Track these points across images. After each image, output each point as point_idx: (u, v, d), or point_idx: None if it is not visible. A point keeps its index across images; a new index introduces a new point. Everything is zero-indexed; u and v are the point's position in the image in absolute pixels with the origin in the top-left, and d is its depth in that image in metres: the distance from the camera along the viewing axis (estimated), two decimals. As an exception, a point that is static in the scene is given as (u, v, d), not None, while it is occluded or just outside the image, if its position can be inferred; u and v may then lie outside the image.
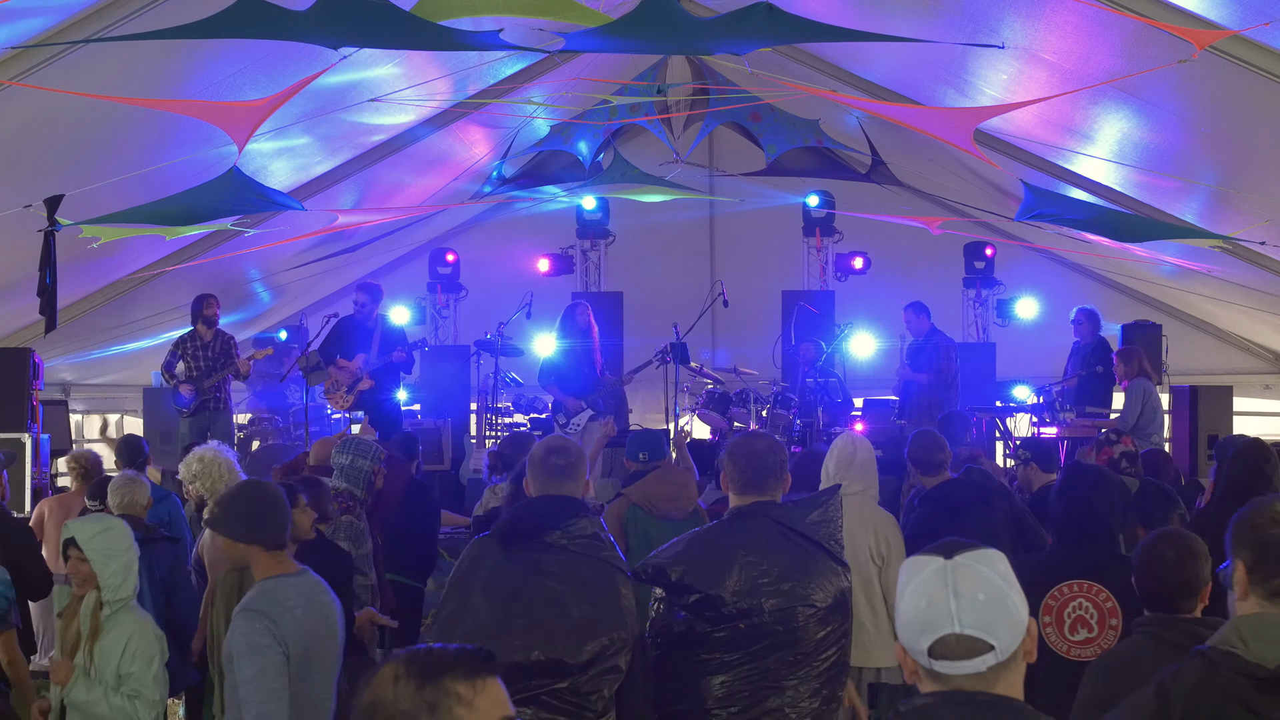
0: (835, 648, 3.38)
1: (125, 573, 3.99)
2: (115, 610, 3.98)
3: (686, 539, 3.53)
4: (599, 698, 3.11)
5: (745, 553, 3.36)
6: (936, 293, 12.60)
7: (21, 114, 6.69)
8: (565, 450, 3.42)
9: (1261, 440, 5.22)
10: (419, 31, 5.41)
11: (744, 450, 3.56)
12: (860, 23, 7.44)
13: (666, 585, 3.42)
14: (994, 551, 1.99)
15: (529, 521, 3.30)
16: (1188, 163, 8.53)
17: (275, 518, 3.69)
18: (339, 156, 10.18)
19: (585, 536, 3.27)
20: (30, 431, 8.80)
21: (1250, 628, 2.41)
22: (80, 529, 4.03)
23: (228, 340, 9.94)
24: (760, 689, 3.31)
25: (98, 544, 3.98)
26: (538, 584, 3.17)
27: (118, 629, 3.97)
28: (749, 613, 3.30)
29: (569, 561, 3.22)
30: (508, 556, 3.25)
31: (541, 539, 3.25)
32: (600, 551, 3.28)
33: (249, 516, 3.66)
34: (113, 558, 3.98)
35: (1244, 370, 13.08)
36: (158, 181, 7.65)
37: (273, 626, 3.48)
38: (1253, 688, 2.34)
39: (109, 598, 3.96)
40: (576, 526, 3.27)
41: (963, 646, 1.91)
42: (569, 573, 3.20)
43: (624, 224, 13.00)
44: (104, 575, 3.96)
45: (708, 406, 10.96)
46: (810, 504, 3.52)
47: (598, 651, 3.11)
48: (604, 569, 3.26)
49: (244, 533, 3.64)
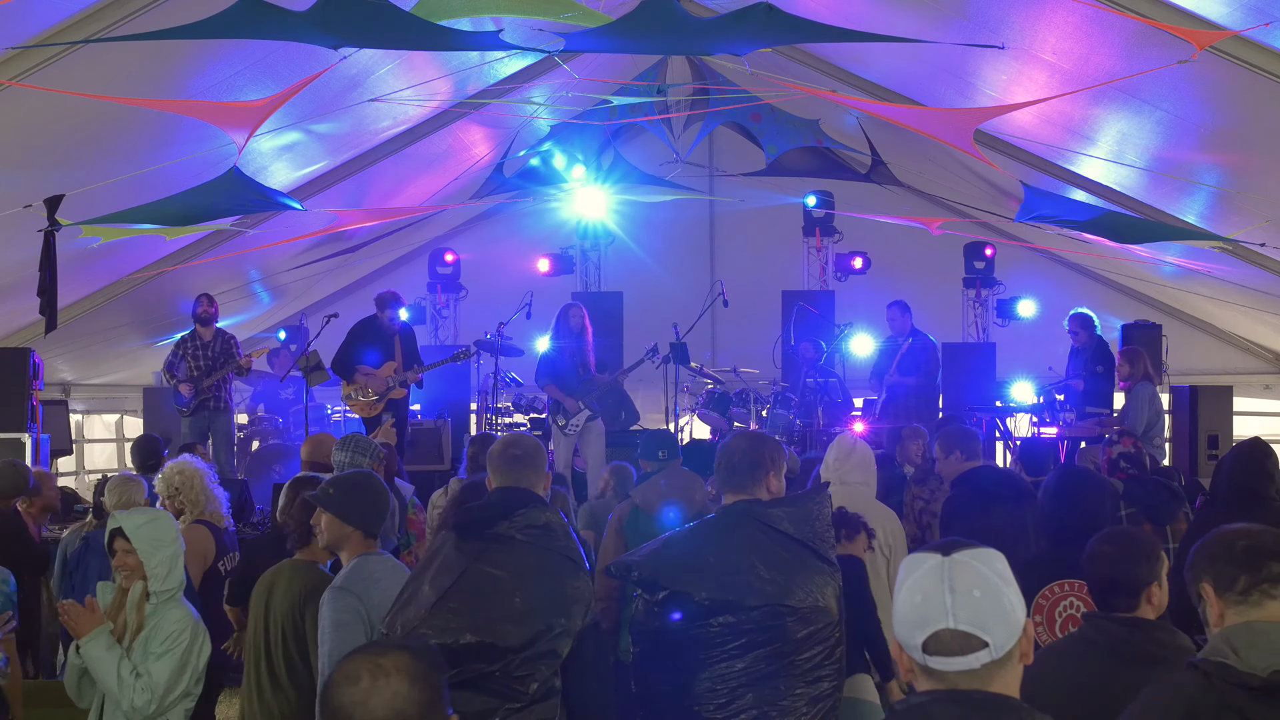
0: (820, 646, 3.36)
1: (172, 563, 3.99)
2: (162, 600, 3.97)
3: (664, 538, 3.59)
4: (532, 681, 3.14)
5: (721, 552, 3.39)
6: (936, 293, 12.63)
7: (21, 114, 6.69)
8: (520, 443, 3.54)
9: (1260, 439, 5.22)
10: (419, 31, 5.41)
11: (726, 449, 3.63)
12: (860, 23, 7.45)
13: (636, 582, 3.48)
14: (992, 551, 2.00)
15: (481, 513, 3.39)
16: (1188, 163, 8.53)
17: (379, 508, 3.89)
18: (339, 156, 10.18)
19: (536, 527, 3.33)
20: (30, 431, 8.80)
21: (1240, 637, 2.42)
22: (127, 519, 4.01)
23: (228, 339, 9.95)
24: (738, 687, 3.33)
25: (145, 534, 3.96)
26: (479, 572, 3.24)
27: (163, 620, 3.96)
28: (722, 610, 3.32)
29: (516, 551, 3.29)
30: (459, 547, 3.34)
31: (492, 530, 3.33)
32: (551, 542, 3.33)
33: (359, 502, 3.83)
34: (160, 548, 3.97)
35: (1244, 370, 13.08)
36: (158, 181, 7.66)
37: (357, 603, 3.63)
38: (1248, 697, 2.34)
39: (156, 588, 3.95)
40: (526, 517, 3.33)
41: (957, 642, 1.92)
42: (515, 561, 3.26)
43: (624, 224, 13.01)
44: (150, 565, 3.95)
45: (708, 406, 10.96)
46: (795, 503, 3.53)
47: (532, 637, 3.15)
48: (553, 559, 3.31)
49: (355, 516, 3.81)
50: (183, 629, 3.95)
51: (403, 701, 1.87)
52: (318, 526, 3.90)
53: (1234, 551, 2.56)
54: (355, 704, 1.87)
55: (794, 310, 11.68)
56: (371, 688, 1.87)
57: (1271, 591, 2.50)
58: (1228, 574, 2.54)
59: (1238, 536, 2.60)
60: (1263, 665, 2.35)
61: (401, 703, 1.87)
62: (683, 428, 11.58)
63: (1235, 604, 2.52)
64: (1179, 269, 10.92)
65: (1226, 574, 2.54)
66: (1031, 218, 8.10)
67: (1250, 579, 2.51)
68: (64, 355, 10.81)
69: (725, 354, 12.74)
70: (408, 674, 1.89)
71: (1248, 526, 2.64)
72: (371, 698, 1.87)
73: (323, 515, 3.86)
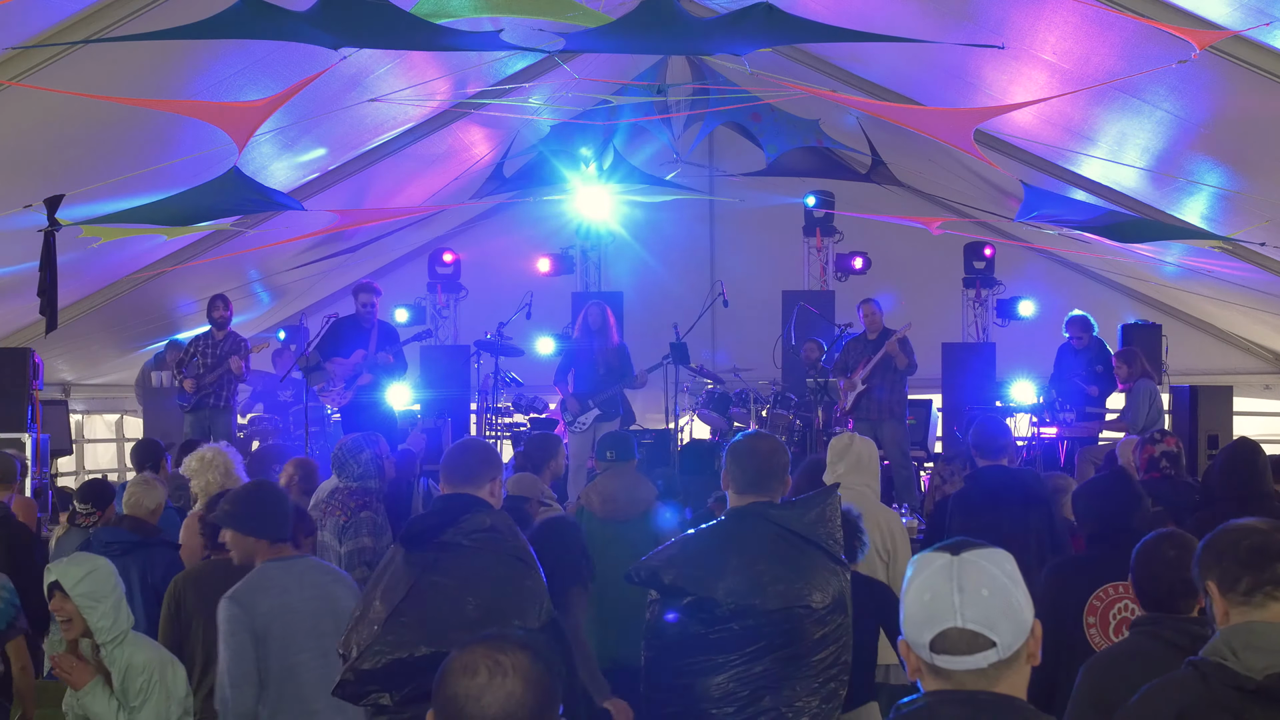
0: (834, 646, 3.36)
1: (115, 612, 3.92)
2: (113, 648, 3.94)
3: (681, 540, 3.52)
4: None
5: (740, 554, 3.35)
6: (936, 293, 12.63)
7: (21, 114, 6.68)
8: (464, 449, 3.53)
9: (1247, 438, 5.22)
10: (419, 31, 5.41)
11: (747, 450, 3.54)
12: (860, 23, 7.44)
13: (660, 588, 3.41)
14: (1001, 551, 2.00)
15: (426, 523, 3.37)
16: (1188, 163, 8.53)
17: (277, 514, 3.96)
18: (339, 156, 10.18)
19: (481, 531, 3.30)
20: (30, 431, 8.80)
21: (1240, 638, 2.41)
22: (64, 573, 3.91)
23: (238, 341, 9.96)
24: (756, 689, 3.30)
25: (83, 589, 3.88)
26: (429, 582, 3.21)
27: (129, 669, 3.93)
28: (744, 614, 3.29)
29: (464, 557, 3.26)
30: (406, 559, 3.31)
31: (438, 539, 3.30)
32: (499, 544, 3.31)
33: (254, 513, 3.92)
34: (99, 601, 3.89)
35: (1244, 370, 13.08)
36: (158, 181, 7.65)
37: (241, 612, 3.73)
38: (1242, 699, 2.34)
39: (102, 639, 3.89)
40: (471, 522, 3.30)
41: (964, 641, 1.91)
42: (463, 567, 3.23)
43: (624, 224, 13.01)
44: (93, 620, 3.88)
45: (708, 406, 10.96)
46: (808, 504, 3.51)
47: None
48: (504, 560, 3.29)
49: (252, 527, 3.90)
50: (149, 671, 3.92)
51: (515, 704, 1.84)
52: (228, 545, 4.00)
53: (1239, 551, 2.54)
54: (469, 697, 1.84)
55: (794, 310, 11.68)
56: (488, 684, 1.85)
57: (1275, 593, 2.48)
58: (1232, 573, 2.52)
59: (1244, 535, 2.57)
60: (1260, 667, 2.35)
61: (515, 705, 1.84)
62: (683, 428, 11.57)
63: (1239, 604, 2.50)
64: (1179, 269, 10.92)
65: (1231, 573, 2.53)
66: (1031, 217, 8.10)
67: (1253, 580, 2.50)
68: (64, 355, 10.81)
69: (725, 354, 12.73)
70: (524, 676, 1.86)
71: (1255, 524, 2.61)
72: (485, 694, 1.84)
73: (227, 533, 3.96)
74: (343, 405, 9.46)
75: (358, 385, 9.38)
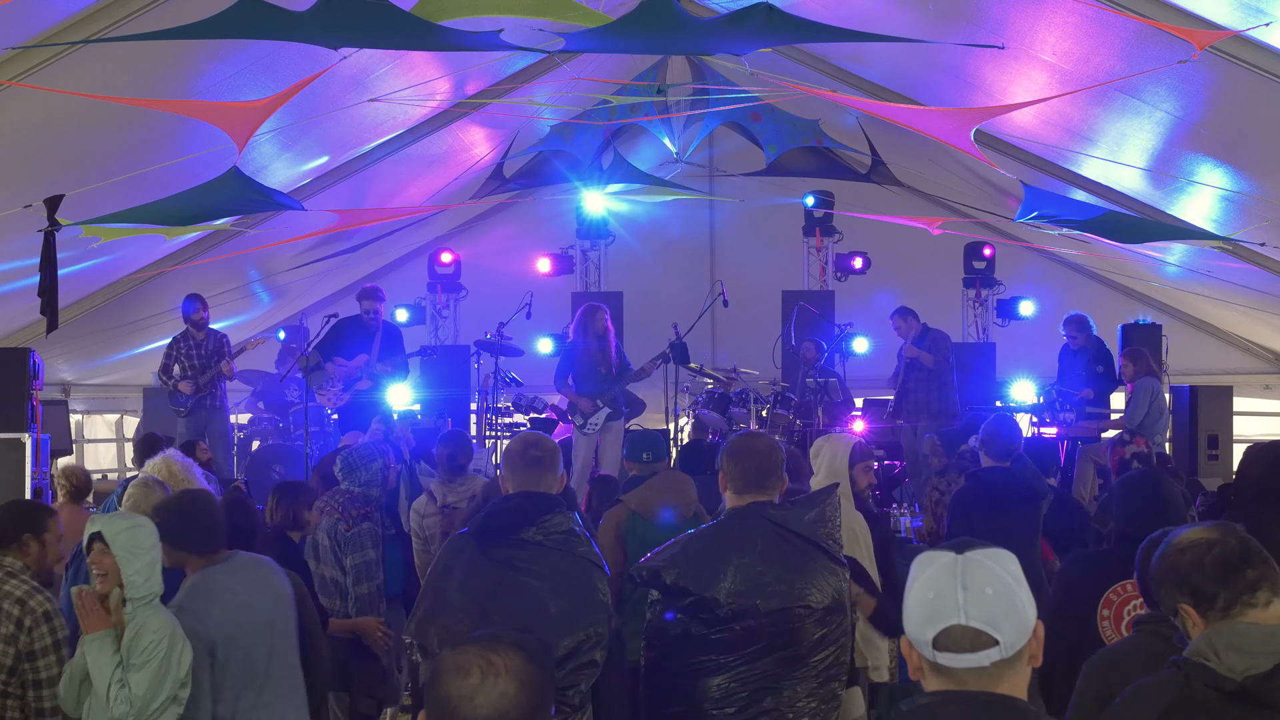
0: (833, 647, 3.36)
1: (149, 570, 3.96)
2: (138, 607, 3.96)
3: (681, 541, 3.50)
4: (576, 692, 3.12)
5: (740, 554, 3.34)
6: (936, 293, 12.62)
7: (21, 114, 6.68)
8: (540, 444, 3.48)
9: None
10: (419, 31, 5.41)
11: (744, 450, 3.53)
12: (860, 23, 7.45)
13: (661, 588, 3.41)
14: (1005, 551, 2.01)
15: (504, 519, 3.33)
16: (1188, 163, 8.53)
17: (201, 525, 4.08)
18: (339, 157, 10.18)
19: (561, 532, 3.29)
20: (30, 432, 8.78)
21: (1223, 639, 2.39)
22: (107, 524, 3.98)
23: (220, 338, 9.98)
24: (757, 690, 3.30)
25: (123, 540, 3.93)
26: (514, 580, 3.19)
27: (143, 629, 3.94)
28: (745, 614, 3.29)
29: (545, 557, 3.24)
30: (485, 553, 3.28)
31: (517, 536, 3.28)
32: (576, 547, 3.30)
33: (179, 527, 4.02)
34: (137, 555, 3.93)
35: (1244, 370, 13.08)
36: (158, 181, 7.65)
37: (194, 621, 3.81)
38: (1222, 699, 2.33)
39: (132, 595, 3.92)
40: (552, 523, 3.29)
41: (967, 639, 1.92)
42: (545, 568, 3.22)
43: (624, 224, 13.01)
44: (128, 572, 3.91)
45: (708, 406, 10.96)
46: (807, 504, 3.51)
47: (575, 646, 3.12)
48: (580, 564, 3.28)
49: (179, 541, 4.02)
50: (160, 638, 3.90)
51: (509, 704, 1.85)
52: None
53: (1204, 567, 2.48)
54: (462, 698, 1.84)
55: (794, 310, 11.68)
56: (480, 685, 1.85)
57: (1252, 600, 2.45)
58: (1206, 592, 2.48)
59: (1202, 549, 2.51)
60: (1240, 668, 2.33)
61: (508, 705, 1.85)
62: (682, 428, 11.57)
63: (1218, 620, 2.47)
64: (1179, 269, 10.92)
65: (1205, 592, 2.48)
66: (1031, 217, 8.09)
67: (1229, 595, 2.46)
68: (64, 355, 10.80)
69: (725, 354, 12.73)
70: (518, 677, 1.87)
71: (1203, 534, 2.54)
72: (478, 695, 1.84)
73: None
74: (339, 406, 9.48)
75: (355, 389, 9.41)
